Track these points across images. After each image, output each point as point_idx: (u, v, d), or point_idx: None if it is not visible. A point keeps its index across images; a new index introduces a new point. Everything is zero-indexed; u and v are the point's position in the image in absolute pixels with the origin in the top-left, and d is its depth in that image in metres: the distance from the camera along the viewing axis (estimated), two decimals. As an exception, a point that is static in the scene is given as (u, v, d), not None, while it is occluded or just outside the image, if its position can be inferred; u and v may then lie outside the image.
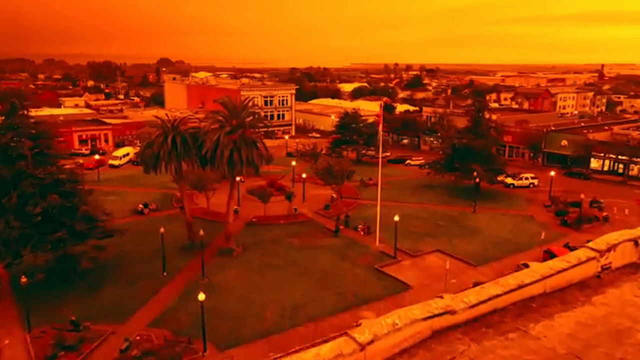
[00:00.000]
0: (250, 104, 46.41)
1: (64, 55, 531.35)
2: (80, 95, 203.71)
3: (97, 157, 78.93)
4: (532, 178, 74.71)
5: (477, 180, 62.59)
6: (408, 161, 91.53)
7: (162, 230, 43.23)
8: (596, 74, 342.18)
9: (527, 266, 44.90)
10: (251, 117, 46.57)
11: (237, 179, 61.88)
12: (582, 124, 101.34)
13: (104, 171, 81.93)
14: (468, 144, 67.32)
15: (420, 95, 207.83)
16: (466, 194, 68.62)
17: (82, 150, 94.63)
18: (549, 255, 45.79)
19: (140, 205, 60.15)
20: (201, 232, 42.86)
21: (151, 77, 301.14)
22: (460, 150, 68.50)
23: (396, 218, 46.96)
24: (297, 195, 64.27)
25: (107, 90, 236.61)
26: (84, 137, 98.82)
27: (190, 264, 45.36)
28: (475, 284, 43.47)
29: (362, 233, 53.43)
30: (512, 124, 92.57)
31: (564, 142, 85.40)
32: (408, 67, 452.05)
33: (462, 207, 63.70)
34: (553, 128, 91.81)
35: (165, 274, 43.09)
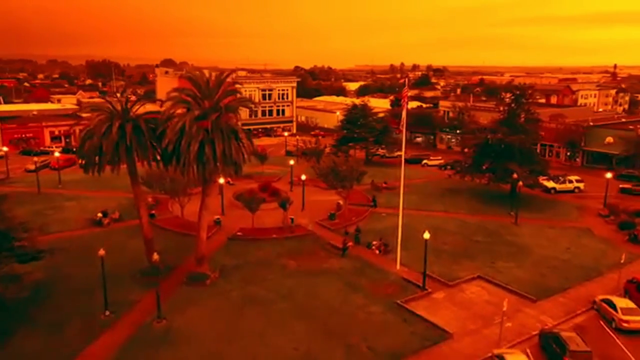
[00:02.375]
0: (231, 79, 34.21)
1: (68, 56, 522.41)
2: (74, 93, 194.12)
3: (57, 154, 66.96)
4: (577, 181, 62.41)
5: (520, 184, 50.26)
6: (425, 161, 79.40)
7: (101, 252, 31.18)
8: (607, 75, 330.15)
9: (612, 305, 32.76)
10: (231, 98, 34.59)
11: (221, 180, 50.27)
12: (623, 120, 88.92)
13: (72, 172, 70.32)
14: (503, 139, 55.07)
15: (429, 94, 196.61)
16: (501, 201, 56.54)
17: (52, 147, 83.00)
18: (636, 286, 33.58)
19: (99, 214, 48.28)
20: (155, 256, 30.75)
21: (151, 76, 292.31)
22: (493, 148, 56.33)
23: (426, 235, 34.78)
24: (295, 201, 52.26)
25: (104, 89, 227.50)
26: (56, 133, 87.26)
27: (147, 298, 33.26)
28: (545, 333, 26.03)
29: (377, 252, 41.33)
30: (545, 119, 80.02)
31: (609, 139, 73.04)
32: (415, 67, 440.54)
33: (499, 217, 51.51)
34: (592, 123, 79.36)
35: (108, 313, 31.10)
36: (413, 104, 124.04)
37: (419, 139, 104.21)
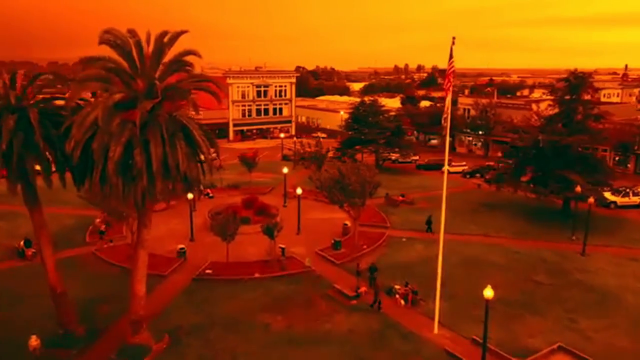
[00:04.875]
0: (169, 44, 21.61)
1: (70, 59, 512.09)
2: (64, 94, 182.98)
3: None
4: (644, 193, 49.96)
5: (592, 200, 37.71)
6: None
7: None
8: (616, 76, 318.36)
9: None
10: (181, 76, 22.35)
11: (189, 195, 38.07)
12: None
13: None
14: (560, 141, 42.67)
15: (436, 94, 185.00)
16: (552, 220, 44.46)
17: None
18: None
19: (20, 243, 36.03)
20: (33, 342, 18.37)
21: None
22: (544, 152, 44.01)
23: (488, 293, 22.18)
24: (289, 220, 40.17)
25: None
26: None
27: (46, 388, 21.00)
28: None
29: (402, 302, 28.90)
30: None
31: (672, 142, 60.63)
32: (419, 68, 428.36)
33: (556, 244, 39.09)
34: (641, 123, 66.85)
35: None
36: (426, 103, 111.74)
37: (434, 141, 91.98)
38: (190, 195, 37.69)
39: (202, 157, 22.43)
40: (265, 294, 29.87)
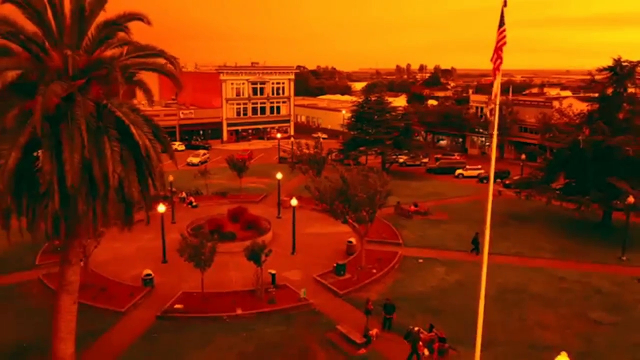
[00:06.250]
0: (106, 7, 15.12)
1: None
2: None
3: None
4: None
5: (652, 214, 31.10)
6: (460, 171, 60.23)
7: None
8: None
9: None
10: (116, 50, 15.76)
11: (161, 208, 31.70)
12: None
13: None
14: (603, 142, 36.05)
15: (440, 94, 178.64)
16: (591, 233, 37.94)
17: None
18: None
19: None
20: None
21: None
22: (583, 155, 37.42)
23: (564, 362, 15.53)
24: (283, 236, 33.63)
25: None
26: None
27: None
28: None
29: (426, 353, 22.13)
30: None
31: None
32: (422, 68, 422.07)
33: (604, 265, 32.47)
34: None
35: None
36: (433, 102, 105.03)
37: (443, 142, 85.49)
38: (162, 208, 31.29)
39: (153, 164, 15.85)
40: (248, 338, 23.19)
